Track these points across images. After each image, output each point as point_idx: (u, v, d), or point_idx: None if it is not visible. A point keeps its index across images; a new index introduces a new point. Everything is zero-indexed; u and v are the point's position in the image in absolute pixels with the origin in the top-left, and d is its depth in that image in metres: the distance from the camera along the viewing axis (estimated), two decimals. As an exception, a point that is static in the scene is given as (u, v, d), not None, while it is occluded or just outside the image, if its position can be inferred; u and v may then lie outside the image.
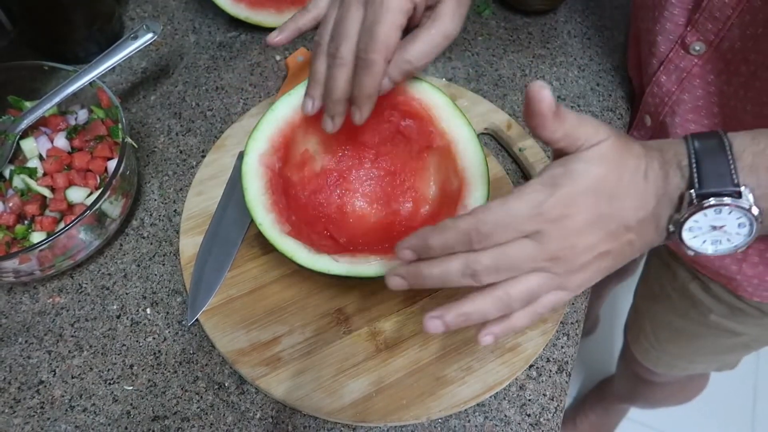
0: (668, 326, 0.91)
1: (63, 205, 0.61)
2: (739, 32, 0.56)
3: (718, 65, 0.60)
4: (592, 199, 0.41)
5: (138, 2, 0.85)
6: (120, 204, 0.61)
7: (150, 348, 0.59)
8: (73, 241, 0.58)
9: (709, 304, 0.79)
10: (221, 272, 0.61)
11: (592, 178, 0.41)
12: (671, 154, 0.43)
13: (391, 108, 0.60)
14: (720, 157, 0.41)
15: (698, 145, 0.42)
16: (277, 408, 0.57)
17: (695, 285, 0.79)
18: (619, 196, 0.42)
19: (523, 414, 0.56)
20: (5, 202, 0.61)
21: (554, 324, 0.59)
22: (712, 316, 0.80)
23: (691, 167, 0.42)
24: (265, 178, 0.56)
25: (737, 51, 0.57)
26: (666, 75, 0.66)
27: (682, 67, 0.64)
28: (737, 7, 0.55)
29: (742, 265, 0.69)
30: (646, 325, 0.97)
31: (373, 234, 0.61)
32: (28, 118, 0.63)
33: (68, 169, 0.63)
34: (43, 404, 0.56)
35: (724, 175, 0.41)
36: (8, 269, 0.56)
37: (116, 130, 0.64)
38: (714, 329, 0.83)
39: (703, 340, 0.88)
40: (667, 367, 1.02)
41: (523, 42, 0.83)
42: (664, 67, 0.66)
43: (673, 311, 0.87)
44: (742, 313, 0.76)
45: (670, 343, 0.95)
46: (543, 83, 0.39)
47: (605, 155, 0.42)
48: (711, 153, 0.42)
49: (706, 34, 0.59)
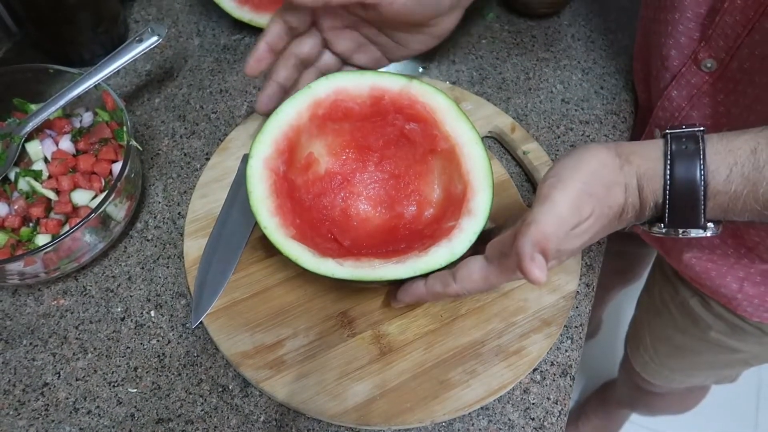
0: (668, 341, 0.91)
1: (68, 208, 0.61)
2: (748, 52, 0.56)
3: (728, 85, 0.60)
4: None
5: (143, 5, 0.85)
6: (125, 206, 0.61)
7: (154, 350, 0.59)
8: (77, 244, 0.58)
9: (710, 321, 0.78)
10: (225, 275, 0.61)
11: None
12: (648, 192, 0.46)
13: (395, 111, 0.60)
14: (694, 202, 0.44)
15: (675, 188, 0.45)
16: (281, 411, 0.57)
17: (696, 301, 0.79)
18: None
19: (527, 418, 0.56)
20: (10, 204, 0.61)
21: (558, 327, 0.59)
22: (712, 332, 0.80)
23: (665, 211, 0.46)
24: (270, 181, 0.56)
25: (745, 71, 0.57)
26: (677, 90, 0.65)
27: (693, 83, 0.63)
28: (747, 25, 0.54)
29: (743, 284, 0.68)
30: (646, 337, 0.96)
31: (377, 237, 0.61)
32: (33, 121, 0.63)
33: (73, 172, 0.63)
34: (48, 406, 0.56)
35: (696, 218, 0.45)
36: (13, 271, 0.56)
37: (121, 132, 0.64)
38: (714, 345, 0.82)
39: (703, 356, 0.88)
40: (665, 379, 1.02)
41: (527, 45, 0.83)
42: (676, 82, 0.65)
43: (673, 326, 0.87)
44: (743, 331, 0.76)
45: (669, 357, 0.94)
46: (540, 276, 0.42)
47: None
48: (685, 197, 0.45)
49: (718, 51, 0.59)
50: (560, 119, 0.76)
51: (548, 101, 0.77)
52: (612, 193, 0.45)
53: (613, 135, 0.74)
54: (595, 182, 0.45)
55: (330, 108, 0.59)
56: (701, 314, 0.79)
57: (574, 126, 0.75)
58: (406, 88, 0.58)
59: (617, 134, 0.75)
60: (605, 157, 0.46)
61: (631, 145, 0.47)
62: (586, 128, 0.75)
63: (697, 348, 0.86)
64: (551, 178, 0.46)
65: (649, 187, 0.46)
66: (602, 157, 0.46)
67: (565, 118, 0.76)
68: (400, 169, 0.63)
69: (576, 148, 0.48)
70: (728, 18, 0.56)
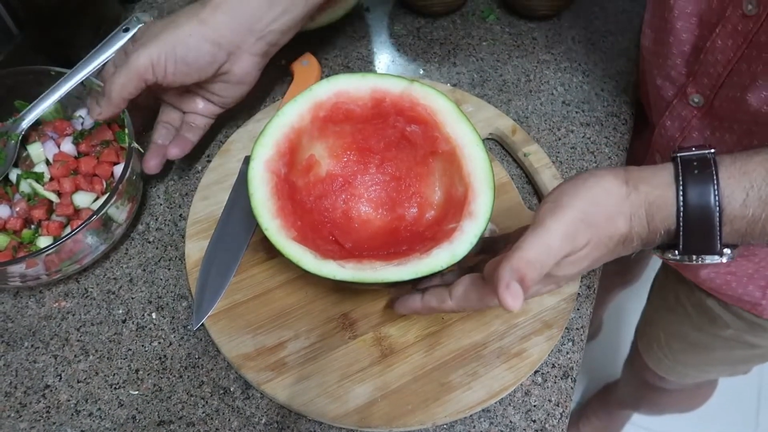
0: (683, 338, 0.90)
1: (69, 210, 0.61)
2: (727, 92, 0.57)
3: (714, 121, 0.61)
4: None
5: (143, 6, 0.85)
6: (126, 208, 0.62)
7: (155, 352, 0.59)
8: (79, 246, 0.58)
9: (727, 319, 0.78)
10: (227, 277, 0.61)
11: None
12: (659, 220, 0.44)
13: (396, 113, 0.60)
14: (709, 228, 0.43)
15: (689, 214, 0.43)
16: (282, 413, 0.57)
17: (713, 301, 0.78)
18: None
19: (528, 420, 0.56)
20: (12, 206, 0.61)
21: (559, 330, 0.59)
22: (729, 330, 0.79)
23: (679, 238, 0.44)
24: (271, 183, 0.56)
25: (729, 110, 0.57)
26: (670, 120, 0.66)
27: (684, 115, 0.64)
28: (728, 66, 0.55)
29: (766, 291, 0.68)
30: (660, 334, 0.96)
31: (378, 239, 0.61)
32: (28, 117, 0.63)
33: (75, 174, 0.63)
34: (49, 409, 0.56)
35: (712, 244, 0.43)
36: (15, 274, 0.56)
37: (122, 135, 0.64)
38: (731, 341, 0.82)
39: (719, 352, 0.87)
40: (679, 375, 1.02)
41: (527, 47, 0.83)
42: (669, 112, 0.66)
43: (688, 324, 0.86)
44: (762, 328, 0.75)
45: (685, 353, 0.94)
46: (515, 304, 0.41)
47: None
48: (700, 224, 0.43)
49: (703, 88, 0.60)
50: (561, 121, 0.76)
51: (549, 103, 0.77)
52: (614, 222, 0.44)
53: (613, 137, 0.75)
54: (595, 211, 0.44)
55: (331, 110, 0.59)
56: (719, 313, 0.78)
57: (574, 128, 0.75)
58: (407, 90, 0.58)
59: (618, 136, 0.75)
60: (611, 184, 0.44)
61: (640, 171, 0.45)
62: (587, 130, 0.75)
63: (714, 344, 0.85)
64: (549, 203, 0.45)
65: (660, 215, 0.44)
66: (607, 184, 0.44)
67: (566, 120, 0.76)
68: (401, 171, 0.63)
69: (582, 173, 0.47)
70: (710, 57, 0.57)
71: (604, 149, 0.73)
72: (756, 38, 0.52)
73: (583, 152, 0.73)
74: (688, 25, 0.59)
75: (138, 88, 0.59)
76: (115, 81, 0.58)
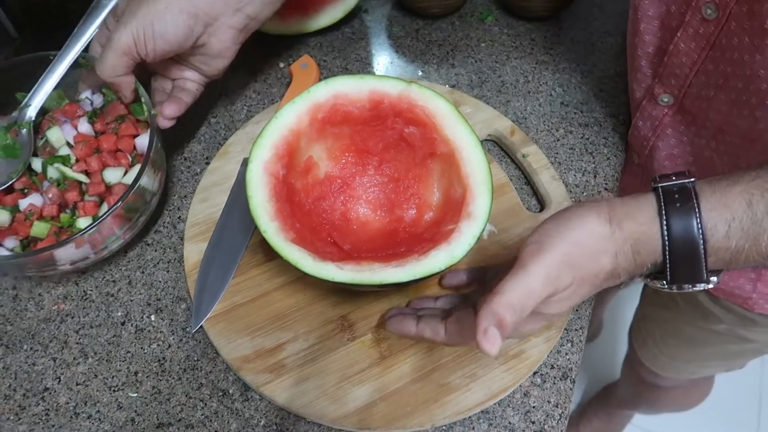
0: (677, 333, 0.91)
1: (101, 188, 0.61)
2: (697, 91, 0.58)
3: (687, 117, 0.62)
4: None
5: None
6: (157, 177, 0.62)
7: (154, 355, 0.59)
8: (119, 220, 0.58)
9: (719, 313, 0.78)
10: (225, 279, 0.61)
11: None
12: (645, 255, 0.45)
13: (394, 115, 0.60)
14: (694, 259, 0.43)
15: (674, 247, 0.43)
16: (281, 415, 0.57)
17: (704, 296, 0.79)
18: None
19: (527, 421, 0.56)
20: (44, 194, 0.61)
21: (558, 331, 0.59)
22: (722, 325, 0.80)
23: (666, 270, 0.44)
24: (270, 185, 0.56)
25: (700, 107, 0.58)
26: (642, 121, 0.68)
27: (654, 115, 0.65)
28: (693, 67, 0.56)
29: (756, 284, 0.69)
30: (655, 331, 0.96)
31: (376, 241, 0.61)
32: (33, 104, 0.63)
33: (98, 152, 0.63)
34: (48, 411, 0.56)
35: (698, 274, 0.44)
36: (63, 259, 0.56)
37: (137, 107, 0.64)
38: (725, 336, 0.82)
39: (713, 347, 0.88)
40: (675, 371, 1.02)
41: (526, 48, 0.83)
42: (639, 113, 0.67)
43: (682, 319, 0.87)
44: (753, 323, 0.76)
45: (679, 348, 0.94)
46: (493, 349, 0.40)
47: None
48: (685, 255, 0.43)
49: (671, 88, 0.61)
50: (559, 122, 0.76)
51: (547, 104, 0.77)
52: (598, 261, 0.44)
53: (612, 137, 0.75)
54: (579, 252, 0.44)
55: (329, 112, 0.59)
56: (711, 308, 0.79)
57: (573, 129, 0.75)
58: (405, 92, 0.58)
59: (616, 137, 0.75)
60: (594, 224, 0.44)
61: (624, 206, 0.45)
62: (586, 131, 0.75)
63: (708, 339, 0.86)
64: (532, 245, 0.44)
65: (645, 249, 0.44)
66: (591, 225, 0.44)
67: (565, 121, 0.76)
68: (400, 172, 0.63)
69: (564, 210, 0.46)
70: (675, 59, 0.58)
71: (603, 150, 0.74)
72: (718, 41, 0.53)
73: (582, 153, 0.73)
74: (651, 27, 0.60)
75: (128, 65, 0.60)
76: (104, 63, 0.59)
